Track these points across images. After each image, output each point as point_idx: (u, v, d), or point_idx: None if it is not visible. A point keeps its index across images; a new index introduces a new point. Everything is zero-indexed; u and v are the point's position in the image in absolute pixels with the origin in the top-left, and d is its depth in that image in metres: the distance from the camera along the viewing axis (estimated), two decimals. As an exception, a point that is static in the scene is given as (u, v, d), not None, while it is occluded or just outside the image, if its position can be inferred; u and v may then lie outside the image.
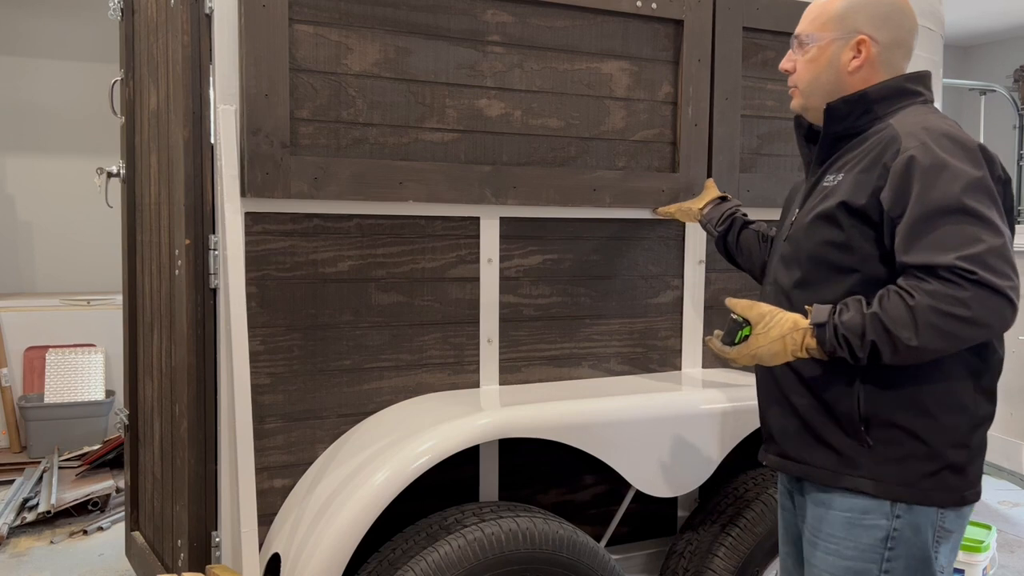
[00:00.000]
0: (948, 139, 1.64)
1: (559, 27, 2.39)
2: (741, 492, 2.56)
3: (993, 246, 1.56)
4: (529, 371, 2.46)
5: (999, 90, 6.80)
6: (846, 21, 1.79)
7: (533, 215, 2.41)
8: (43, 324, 5.50)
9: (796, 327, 1.67)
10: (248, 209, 2.08)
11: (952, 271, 1.55)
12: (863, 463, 1.72)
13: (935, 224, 1.58)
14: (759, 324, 1.70)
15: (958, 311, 1.54)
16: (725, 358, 1.76)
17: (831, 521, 1.76)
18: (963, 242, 1.56)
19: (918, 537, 1.70)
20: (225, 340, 2.07)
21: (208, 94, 2.09)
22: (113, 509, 4.40)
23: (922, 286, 1.57)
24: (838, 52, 1.80)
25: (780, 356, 1.69)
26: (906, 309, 1.57)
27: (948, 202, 1.58)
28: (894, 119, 1.73)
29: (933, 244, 1.58)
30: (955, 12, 6.99)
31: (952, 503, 1.70)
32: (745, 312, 1.72)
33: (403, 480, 1.99)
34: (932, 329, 1.55)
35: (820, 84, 1.82)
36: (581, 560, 2.18)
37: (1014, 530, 4.43)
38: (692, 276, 2.65)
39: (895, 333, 1.57)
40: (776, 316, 1.69)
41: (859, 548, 1.73)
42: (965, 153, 1.63)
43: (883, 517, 1.70)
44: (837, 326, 1.63)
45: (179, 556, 2.29)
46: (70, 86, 5.99)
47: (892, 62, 1.80)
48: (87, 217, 5.78)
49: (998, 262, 1.55)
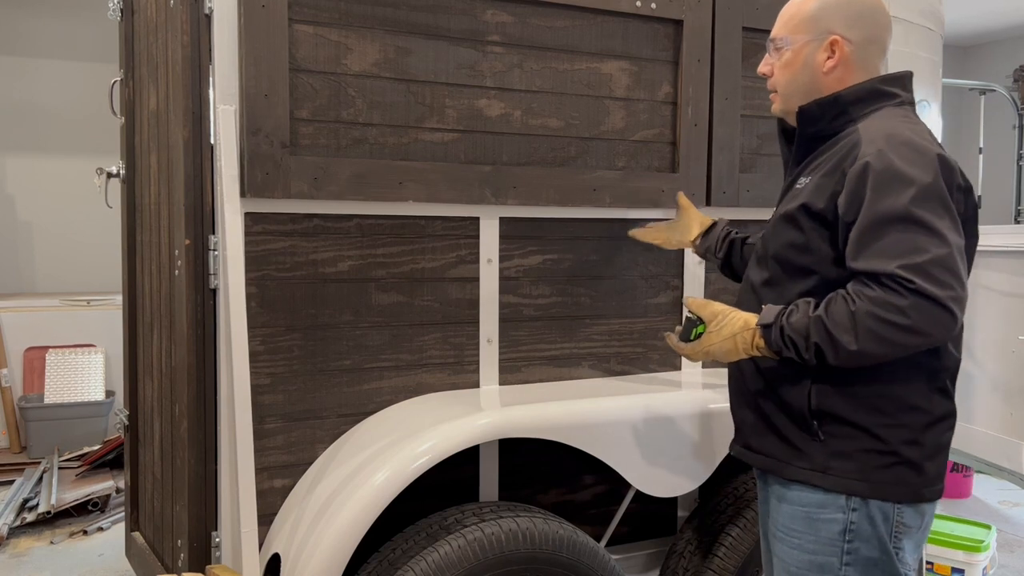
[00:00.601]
0: (906, 146, 1.66)
1: (559, 27, 2.39)
2: (741, 492, 2.56)
3: (937, 256, 1.58)
4: (529, 371, 2.46)
5: (999, 90, 6.80)
6: (819, 22, 1.80)
7: (533, 215, 2.41)
8: (43, 324, 5.50)
9: (746, 326, 1.74)
10: (248, 209, 2.08)
11: (893, 279, 1.58)
12: (815, 456, 1.76)
13: (882, 232, 1.61)
14: (712, 322, 1.78)
15: (896, 319, 1.57)
16: (679, 352, 1.85)
17: (791, 515, 1.80)
18: (907, 251, 1.59)
19: (875, 529, 1.73)
20: (225, 340, 2.07)
21: (208, 94, 2.09)
22: (113, 509, 4.40)
23: (865, 292, 1.60)
24: (812, 53, 1.81)
25: (732, 354, 1.76)
26: (848, 314, 1.61)
27: (896, 211, 1.61)
28: (862, 123, 1.75)
29: (878, 252, 1.61)
30: (955, 12, 6.99)
31: (907, 499, 1.73)
32: (699, 310, 1.80)
33: (403, 480, 1.99)
34: (870, 335, 1.59)
35: (797, 87, 1.84)
36: (581, 560, 2.18)
37: (1014, 530, 4.43)
38: (692, 276, 2.65)
39: (836, 337, 1.61)
40: (728, 316, 1.77)
41: (819, 541, 1.76)
42: (921, 160, 1.64)
43: (839, 511, 1.74)
44: (784, 327, 1.68)
45: (179, 556, 2.29)
46: (70, 86, 6.00)
47: (867, 60, 1.82)
48: (87, 217, 5.78)
49: (940, 272, 1.57)
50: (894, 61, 2.03)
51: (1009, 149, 7.36)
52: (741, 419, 1.93)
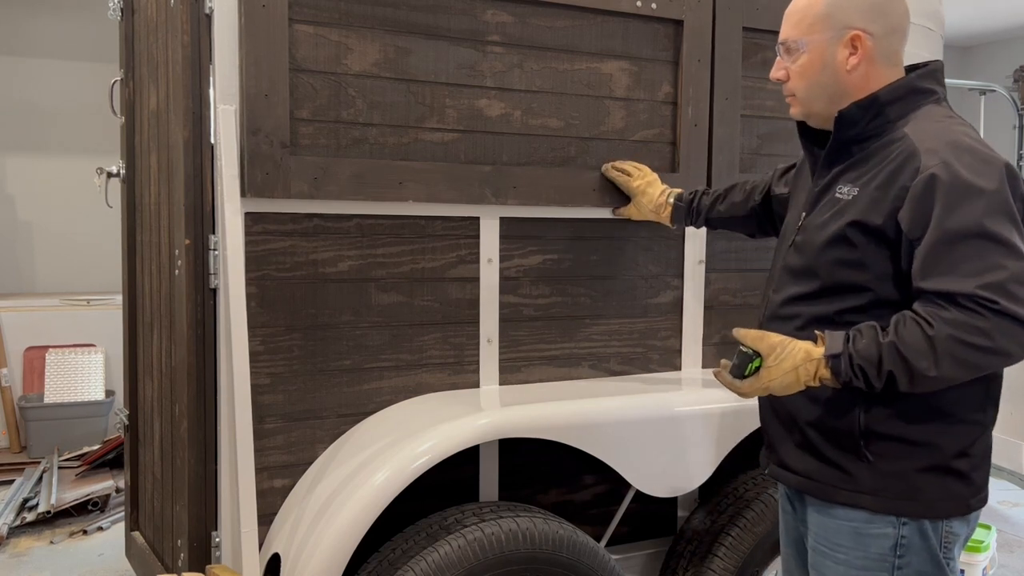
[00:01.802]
0: (971, 155, 1.57)
1: (559, 27, 2.39)
2: (741, 492, 2.56)
3: (1015, 272, 1.51)
4: (529, 371, 2.46)
5: (999, 90, 6.80)
6: (835, 18, 1.69)
7: (533, 215, 2.41)
8: (43, 324, 5.50)
9: (809, 357, 1.62)
10: (248, 209, 2.08)
11: (973, 300, 1.50)
12: (863, 478, 1.68)
13: (955, 249, 1.53)
14: (770, 356, 1.64)
15: (979, 341, 1.50)
16: (735, 392, 1.70)
17: (838, 530, 1.73)
18: (984, 269, 1.51)
19: (926, 543, 1.67)
20: (225, 340, 2.07)
21: (208, 94, 2.09)
22: (113, 509, 4.40)
23: (941, 314, 1.52)
24: (832, 52, 1.70)
25: (793, 387, 1.64)
26: (925, 339, 1.52)
27: (969, 226, 1.53)
28: (909, 127, 1.66)
29: (953, 271, 1.52)
30: (955, 12, 6.99)
31: (958, 512, 1.67)
32: (755, 344, 1.66)
33: (403, 480, 1.99)
34: (951, 359, 1.52)
35: (819, 89, 1.74)
36: (581, 560, 2.18)
37: (1014, 530, 4.43)
38: (692, 276, 2.65)
39: (913, 363, 1.53)
40: (788, 347, 1.63)
41: (868, 557, 1.69)
42: (989, 171, 1.56)
43: (889, 526, 1.67)
44: (852, 355, 1.58)
45: (179, 556, 2.29)
46: (70, 86, 5.99)
47: (891, 53, 1.72)
48: (87, 217, 5.78)
49: (1020, 289, 1.50)
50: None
51: (1009, 149, 7.35)
52: (780, 439, 1.84)
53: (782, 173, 2.16)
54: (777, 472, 1.86)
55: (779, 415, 1.82)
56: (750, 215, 2.24)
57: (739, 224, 2.30)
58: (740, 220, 2.27)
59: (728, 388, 1.71)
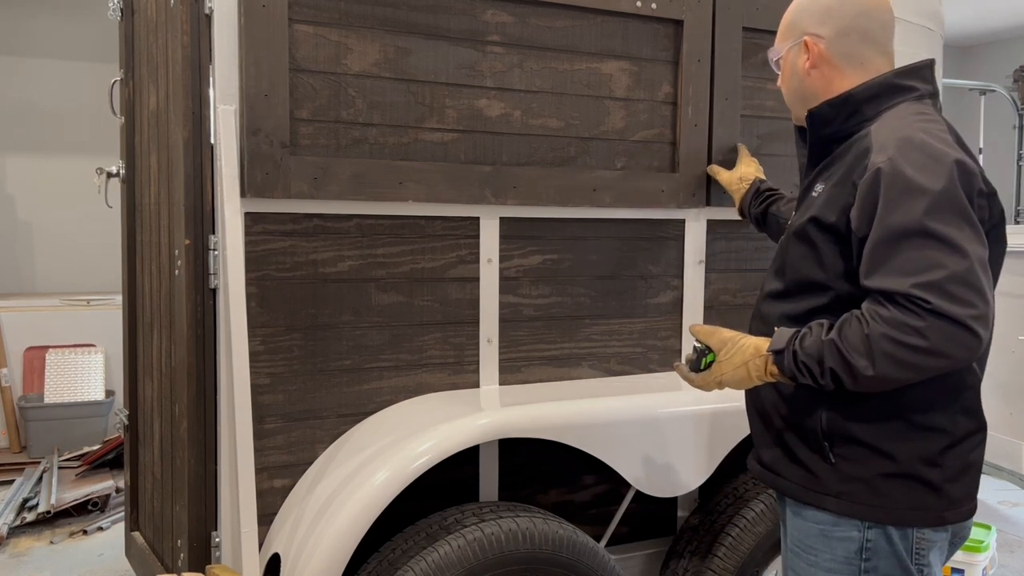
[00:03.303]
0: (920, 151, 1.56)
1: (559, 27, 2.39)
2: (741, 492, 2.56)
3: (955, 272, 1.48)
4: (529, 371, 2.46)
5: (999, 90, 6.80)
6: (795, 27, 1.80)
7: (533, 215, 2.41)
8: (43, 324, 5.50)
9: (758, 353, 1.65)
10: (248, 209, 2.08)
11: (908, 299, 1.48)
12: (827, 480, 1.68)
13: (895, 248, 1.52)
14: (721, 351, 1.69)
15: (913, 340, 1.47)
16: (690, 384, 1.76)
17: (808, 532, 1.74)
18: (922, 268, 1.49)
19: (893, 548, 1.65)
20: (225, 340, 2.07)
21: (208, 94, 2.09)
22: (113, 509, 4.40)
23: (879, 312, 1.51)
24: (795, 59, 1.80)
25: (745, 382, 1.68)
26: (862, 337, 1.51)
27: (908, 224, 1.51)
28: (875, 124, 1.67)
29: (892, 269, 1.51)
30: (955, 12, 6.99)
31: (927, 523, 1.64)
32: (707, 339, 1.71)
33: (403, 480, 1.99)
34: (887, 358, 1.49)
35: (792, 94, 1.84)
36: (581, 560, 2.18)
37: (1014, 530, 4.43)
38: (692, 276, 2.65)
39: (852, 362, 1.52)
40: (738, 342, 1.67)
41: (836, 560, 1.69)
42: (935, 167, 1.54)
43: (853, 529, 1.67)
44: (796, 352, 1.59)
45: (179, 556, 2.29)
46: (70, 86, 5.99)
47: (850, 53, 1.74)
48: (87, 217, 5.78)
49: (959, 289, 1.47)
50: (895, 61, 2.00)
51: (1009, 149, 7.36)
52: (757, 437, 1.87)
53: None
54: (756, 470, 1.88)
55: (759, 412, 1.84)
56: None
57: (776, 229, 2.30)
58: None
59: (684, 380, 1.77)
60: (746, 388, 1.72)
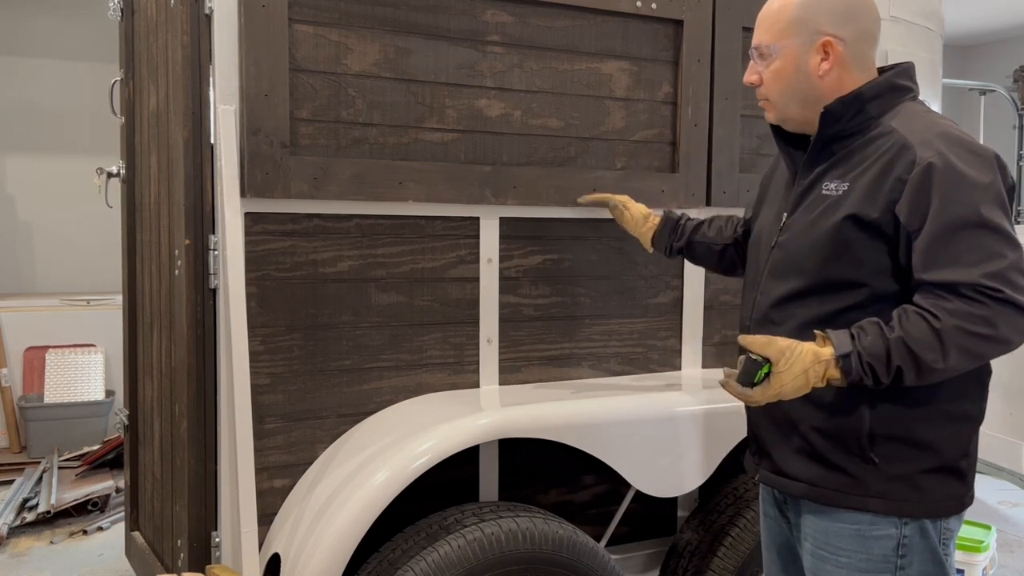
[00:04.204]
0: (963, 147, 1.59)
1: (559, 27, 2.39)
2: (741, 492, 2.56)
3: (1013, 260, 1.52)
4: (529, 371, 2.46)
5: (999, 90, 6.80)
6: (807, 24, 1.70)
7: (533, 215, 2.41)
8: (43, 324, 5.50)
9: (818, 359, 1.58)
10: (248, 209, 2.08)
11: (975, 289, 1.50)
12: (869, 482, 1.67)
13: (955, 239, 1.53)
14: (780, 361, 1.59)
15: (983, 330, 1.50)
16: (747, 401, 1.64)
17: (839, 534, 1.71)
18: (986, 258, 1.52)
19: (927, 541, 1.67)
20: (225, 340, 2.07)
21: (208, 94, 2.09)
22: (113, 509, 4.40)
23: (944, 305, 1.52)
24: (804, 58, 1.71)
25: (802, 390, 1.60)
26: (931, 331, 1.52)
27: (968, 216, 1.53)
28: (896, 122, 1.67)
29: (955, 261, 1.53)
30: (955, 12, 6.99)
31: (956, 511, 1.69)
32: (764, 350, 1.60)
33: (403, 480, 1.99)
34: (958, 350, 1.51)
35: (793, 93, 1.74)
36: (581, 560, 2.18)
37: (1014, 530, 4.43)
38: (692, 276, 2.65)
39: (921, 356, 1.52)
40: (796, 350, 1.59)
41: (872, 560, 1.68)
42: (982, 162, 1.58)
43: (892, 526, 1.67)
44: (861, 353, 1.56)
45: (179, 556, 2.29)
46: (70, 86, 5.99)
47: (862, 57, 1.72)
48: (87, 217, 5.77)
49: (1019, 277, 1.52)
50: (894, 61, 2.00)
51: (1009, 149, 7.35)
52: (776, 444, 1.79)
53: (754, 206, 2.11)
54: (772, 479, 1.82)
55: (775, 419, 1.78)
56: (732, 245, 2.18)
57: (717, 254, 2.21)
58: (719, 249, 2.19)
59: (738, 398, 1.64)
60: (800, 395, 1.63)
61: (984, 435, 1.77)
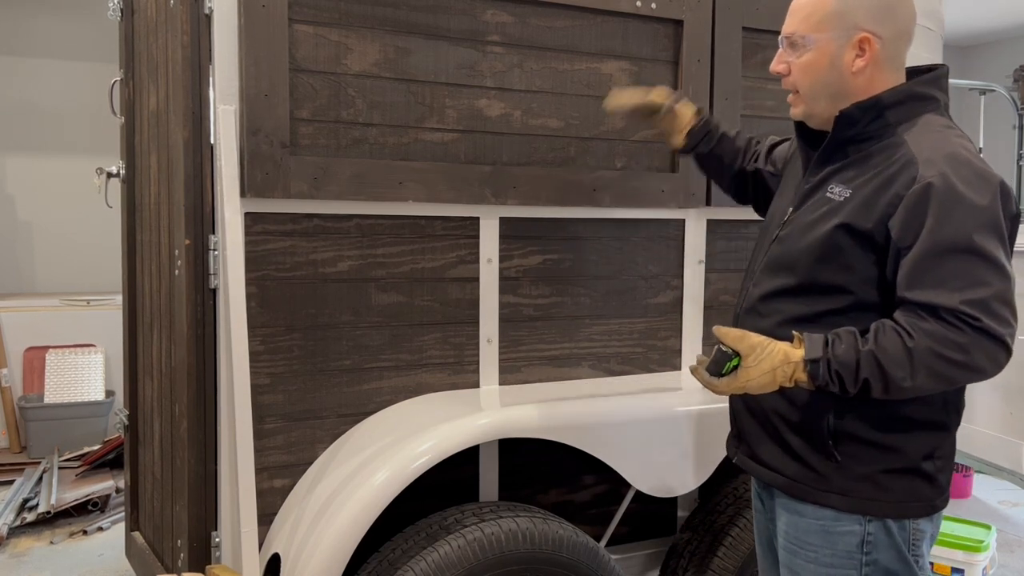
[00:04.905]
0: (968, 169, 1.57)
1: (559, 27, 2.39)
2: (741, 492, 2.56)
3: (998, 290, 1.52)
4: (529, 371, 2.46)
5: (999, 90, 6.79)
6: (845, 18, 1.65)
7: (533, 215, 2.41)
8: (43, 324, 5.50)
9: (787, 360, 1.60)
10: (248, 209, 2.08)
11: (954, 314, 1.50)
12: (832, 478, 1.69)
13: (943, 262, 1.53)
14: (750, 356, 1.62)
15: (956, 356, 1.51)
16: (711, 389, 1.68)
17: (807, 529, 1.74)
18: (970, 285, 1.51)
19: (892, 540, 1.68)
20: (225, 340, 2.07)
21: (208, 94, 2.09)
22: (113, 509, 4.40)
23: (921, 325, 1.52)
24: (839, 52, 1.67)
25: (768, 387, 1.63)
26: (904, 349, 1.53)
27: (959, 240, 1.52)
28: (909, 135, 1.65)
29: (939, 283, 1.52)
30: (955, 12, 6.99)
31: (923, 513, 1.69)
32: (736, 343, 1.64)
33: (403, 480, 1.99)
34: (927, 371, 1.52)
35: (822, 88, 1.71)
36: (581, 560, 2.18)
37: (1014, 530, 4.43)
38: (692, 276, 2.65)
39: (890, 372, 1.53)
40: (767, 348, 1.62)
41: (837, 555, 1.71)
42: (984, 186, 1.56)
43: (855, 523, 1.69)
44: (831, 360, 1.57)
45: (179, 556, 2.29)
46: (70, 86, 5.99)
47: (897, 56, 1.70)
48: (87, 217, 5.77)
49: (1001, 308, 1.52)
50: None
51: (1009, 149, 7.35)
52: (750, 431, 1.84)
53: (768, 151, 2.11)
54: (748, 464, 1.86)
55: (752, 410, 1.82)
56: (745, 172, 2.13)
57: (731, 173, 2.14)
58: (738, 171, 2.13)
59: (703, 385, 1.69)
60: (765, 393, 1.66)
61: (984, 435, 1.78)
